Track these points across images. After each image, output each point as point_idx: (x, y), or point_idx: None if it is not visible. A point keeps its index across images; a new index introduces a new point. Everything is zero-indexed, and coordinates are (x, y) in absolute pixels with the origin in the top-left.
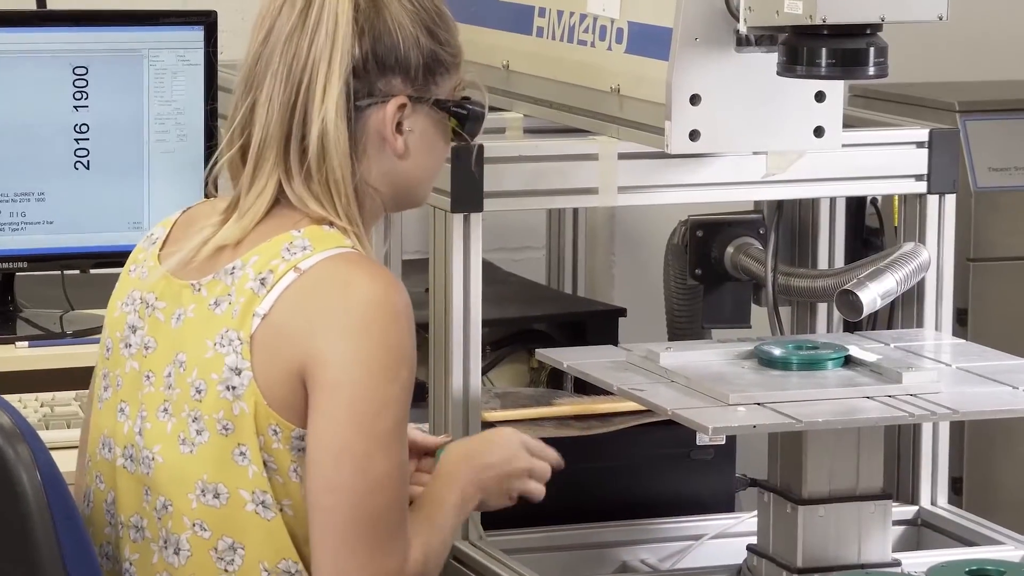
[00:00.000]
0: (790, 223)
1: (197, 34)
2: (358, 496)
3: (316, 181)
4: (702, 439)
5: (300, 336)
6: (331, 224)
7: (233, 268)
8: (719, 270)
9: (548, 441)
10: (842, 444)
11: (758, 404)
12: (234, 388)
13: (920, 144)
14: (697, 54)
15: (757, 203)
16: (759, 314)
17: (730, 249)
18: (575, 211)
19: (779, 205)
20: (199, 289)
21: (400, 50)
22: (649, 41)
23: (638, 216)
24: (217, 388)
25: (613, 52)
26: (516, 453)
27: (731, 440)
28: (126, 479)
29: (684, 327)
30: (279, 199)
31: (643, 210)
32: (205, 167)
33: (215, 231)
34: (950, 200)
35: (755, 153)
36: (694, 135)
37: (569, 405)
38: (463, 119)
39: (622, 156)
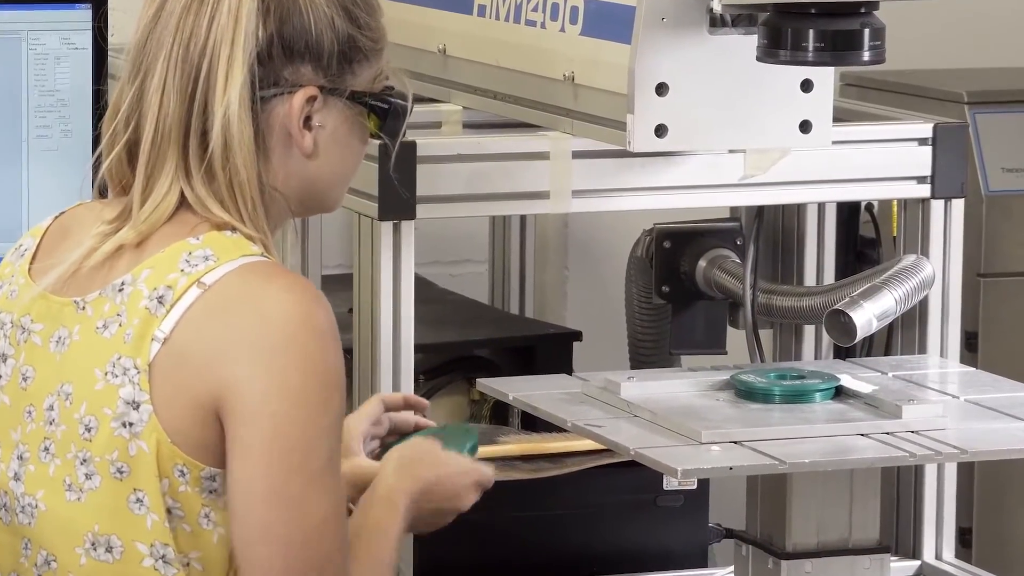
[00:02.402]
0: (772, 232)
1: (83, 14)
2: (296, 546)
3: (219, 182)
4: (670, 483)
5: (209, 362)
6: (233, 229)
7: (122, 284)
8: (690, 287)
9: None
10: (832, 489)
11: (735, 443)
12: (131, 424)
13: (923, 141)
14: (664, 37)
15: (734, 209)
16: (736, 338)
17: (702, 263)
18: (522, 219)
19: (759, 212)
20: (83, 307)
21: (311, 34)
22: (608, 22)
23: (596, 225)
24: (111, 425)
25: (567, 34)
26: (465, 495)
27: (703, 484)
28: (2, 533)
29: (649, 353)
30: (183, 201)
31: (601, 217)
32: (95, 168)
33: (101, 241)
34: (957, 206)
35: (731, 151)
36: (661, 130)
37: (516, 443)
38: (383, 115)
39: (577, 155)
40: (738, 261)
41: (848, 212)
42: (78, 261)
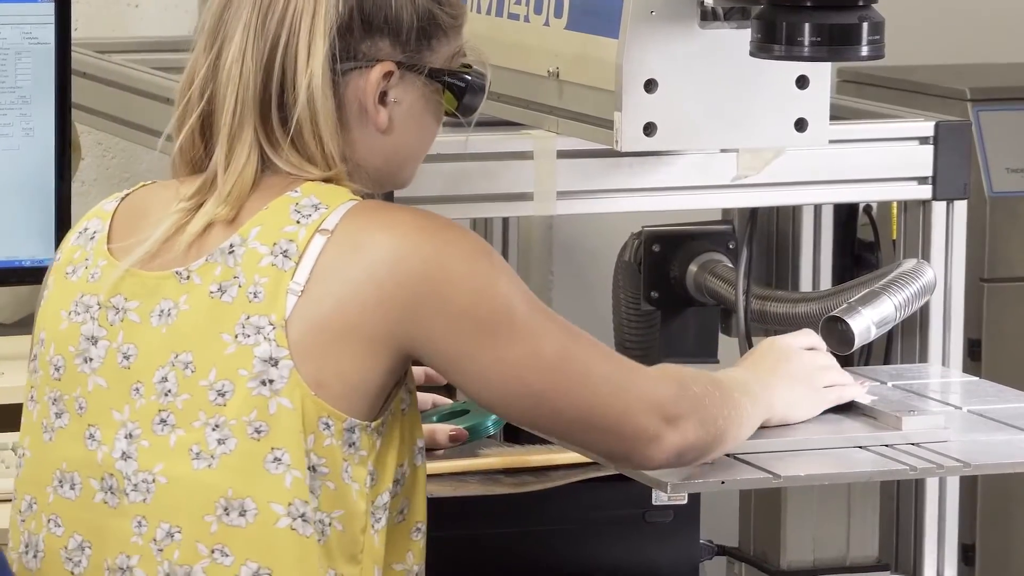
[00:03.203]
0: (766, 236)
1: (46, 7)
2: (565, 385)
3: (311, 151)
4: (659, 498)
5: (362, 305)
6: (327, 181)
7: (231, 246)
8: (680, 293)
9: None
10: (829, 504)
11: (727, 456)
12: (271, 382)
13: (923, 140)
14: (653, 31)
15: (726, 212)
16: (728, 346)
17: (693, 267)
18: (505, 221)
19: (752, 214)
20: (187, 276)
21: (391, 8)
22: (595, 15)
23: (582, 228)
24: (248, 385)
25: (551, 28)
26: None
27: (694, 499)
28: (106, 516)
29: (638, 361)
30: (264, 168)
31: (588, 220)
32: (58, 169)
33: (185, 216)
34: (960, 208)
35: (723, 151)
36: (650, 129)
37: (498, 456)
38: (460, 92)
39: (562, 154)
40: (730, 266)
41: (846, 214)
42: (163, 237)
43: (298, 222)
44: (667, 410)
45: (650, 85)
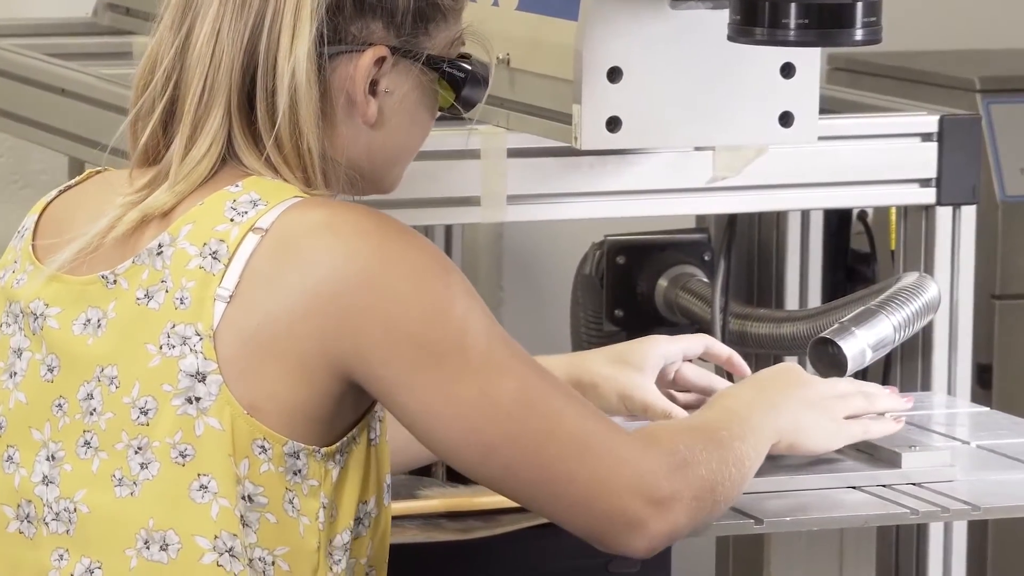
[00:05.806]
0: (746, 246)
1: None
2: (507, 442)
3: (280, 149)
4: None
5: (301, 314)
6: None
7: (160, 246)
8: (648, 310)
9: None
10: (818, 552)
11: None
12: (198, 399)
13: (926, 136)
14: (618, 12)
15: (700, 218)
16: None
17: (663, 282)
18: (448, 229)
19: (731, 221)
20: (113, 281)
21: None
22: None
23: (536, 236)
24: (173, 403)
25: (501, 9)
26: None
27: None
28: (22, 548)
29: None
30: (224, 160)
31: (543, 228)
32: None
33: (126, 211)
34: (968, 214)
35: (698, 149)
36: (613, 124)
37: (440, 498)
38: (460, 83)
39: (513, 153)
40: (705, 280)
41: (837, 221)
42: (101, 234)
43: (232, 220)
44: (655, 491)
45: (614, 74)
